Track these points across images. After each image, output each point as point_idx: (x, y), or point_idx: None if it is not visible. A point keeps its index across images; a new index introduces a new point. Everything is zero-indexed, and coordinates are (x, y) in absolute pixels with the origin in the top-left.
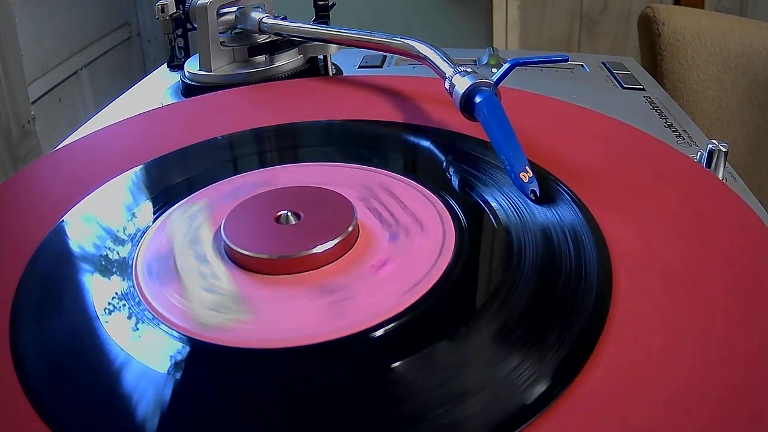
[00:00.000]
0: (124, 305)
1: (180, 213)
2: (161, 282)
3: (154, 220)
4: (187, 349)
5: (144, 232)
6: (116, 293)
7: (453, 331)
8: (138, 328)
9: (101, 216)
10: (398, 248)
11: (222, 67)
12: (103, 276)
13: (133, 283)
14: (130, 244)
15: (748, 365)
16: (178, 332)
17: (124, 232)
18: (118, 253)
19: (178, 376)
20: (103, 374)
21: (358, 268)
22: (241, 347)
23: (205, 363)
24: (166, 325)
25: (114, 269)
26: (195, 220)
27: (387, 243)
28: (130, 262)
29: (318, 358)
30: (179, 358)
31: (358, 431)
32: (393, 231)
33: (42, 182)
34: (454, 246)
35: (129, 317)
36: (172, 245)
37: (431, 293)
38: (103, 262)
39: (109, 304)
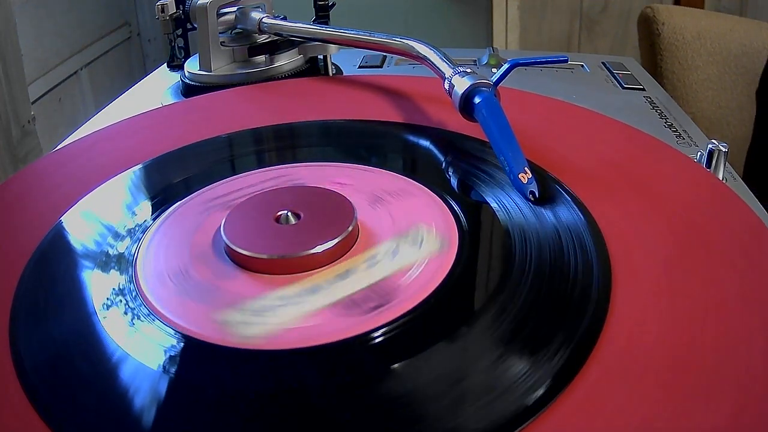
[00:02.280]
0: (123, 304)
1: (179, 212)
2: (161, 281)
3: (154, 219)
4: (186, 347)
5: (143, 232)
6: (116, 292)
7: (454, 331)
8: (137, 327)
9: (101, 215)
10: (398, 248)
11: (222, 67)
12: (103, 275)
13: (132, 281)
14: (129, 243)
15: (749, 365)
16: (176, 331)
17: (123, 232)
18: (118, 253)
19: (175, 374)
20: (102, 371)
21: (358, 268)
22: (239, 347)
23: (203, 362)
24: (165, 324)
25: (113, 269)
26: (195, 220)
27: (387, 244)
28: (130, 261)
29: (318, 358)
30: (177, 356)
31: None
32: (393, 231)
33: (42, 182)
34: (455, 246)
35: (128, 316)
36: (172, 245)
37: (432, 294)
38: (103, 262)
39: (109, 302)
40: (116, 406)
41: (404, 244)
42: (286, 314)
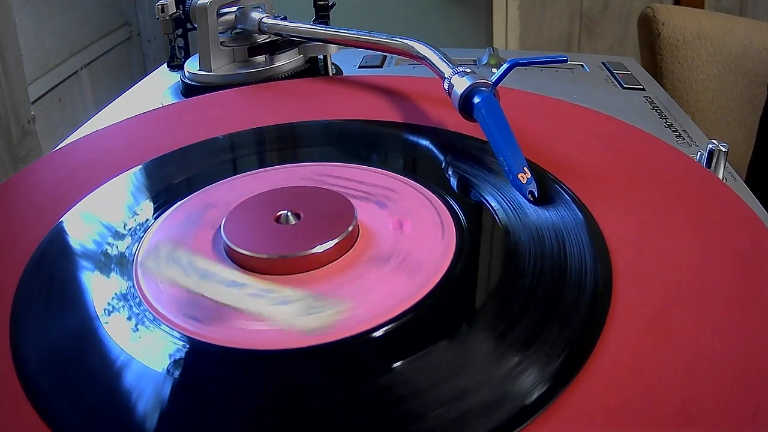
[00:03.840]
0: (124, 305)
1: (180, 212)
2: (161, 281)
3: (154, 219)
4: (187, 348)
5: (144, 232)
6: (116, 293)
7: (453, 331)
8: (138, 328)
9: (101, 216)
10: (398, 248)
11: (222, 67)
12: (103, 275)
13: (133, 282)
14: (130, 243)
15: (749, 365)
16: (178, 332)
17: (124, 232)
18: (118, 253)
19: (177, 375)
20: (103, 374)
21: (358, 268)
22: (240, 347)
23: (204, 363)
24: (166, 325)
25: (114, 269)
26: (195, 220)
27: (387, 243)
28: (130, 261)
29: (318, 358)
30: (179, 357)
31: (358, 431)
32: (393, 231)
33: (42, 182)
34: (454, 246)
35: (129, 317)
36: (172, 245)
37: (431, 293)
38: (103, 262)
39: (109, 303)
40: (119, 408)
41: (404, 244)
42: (285, 314)
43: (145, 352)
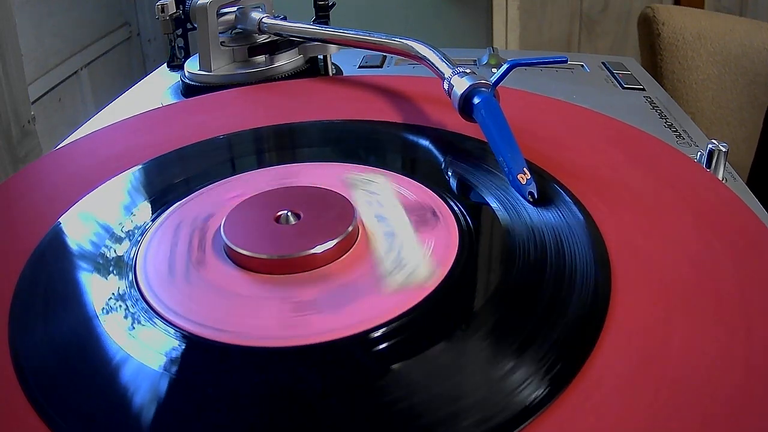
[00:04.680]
0: (122, 304)
1: (179, 212)
2: (160, 280)
3: (153, 219)
4: (186, 347)
5: (143, 232)
6: (115, 292)
7: (453, 332)
8: (136, 327)
9: (100, 215)
10: (398, 249)
11: (222, 67)
12: (102, 275)
13: (132, 281)
14: (129, 243)
15: (749, 365)
16: (176, 330)
17: (123, 231)
18: (117, 253)
19: (176, 374)
20: (103, 373)
21: (357, 268)
22: (239, 345)
23: (203, 361)
24: (165, 324)
25: (113, 268)
26: (194, 220)
27: (387, 244)
28: (129, 261)
29: (316, 358)
30: (178, 356)
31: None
32: (393, 231)
33: (42, 182)
34: (455, 247)
35: (128, 316)
36: (171, 244)
37: (431, 294)
38: (102, 261)
39: (108, 303)
40: (118, 408)
41: (404, 244)
42: (284, 314)
43: (143, 351)
